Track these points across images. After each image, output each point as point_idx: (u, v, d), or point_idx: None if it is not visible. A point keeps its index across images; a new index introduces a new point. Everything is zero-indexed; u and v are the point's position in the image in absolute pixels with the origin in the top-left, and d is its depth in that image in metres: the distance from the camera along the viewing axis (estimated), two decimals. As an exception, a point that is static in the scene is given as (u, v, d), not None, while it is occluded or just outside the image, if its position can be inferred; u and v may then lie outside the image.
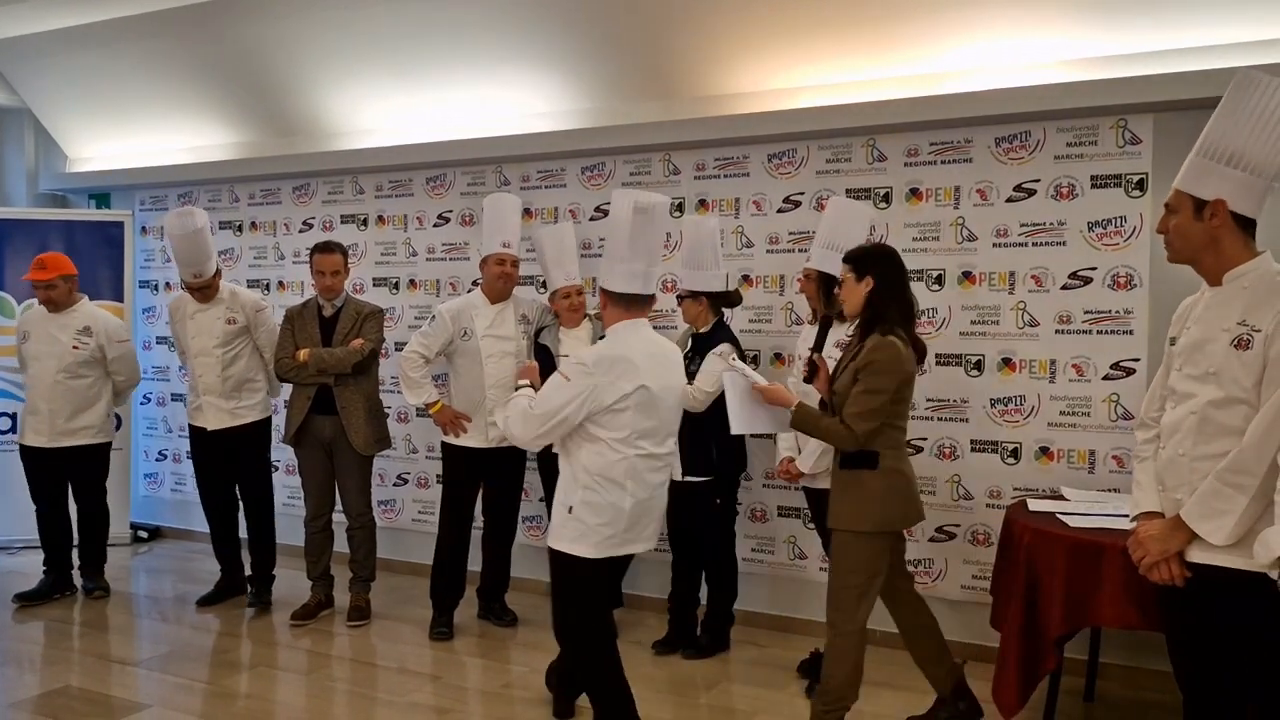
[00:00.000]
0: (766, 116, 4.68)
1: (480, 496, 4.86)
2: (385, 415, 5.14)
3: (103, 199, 7.02)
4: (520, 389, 3.34)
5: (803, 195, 4.76)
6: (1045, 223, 4.26)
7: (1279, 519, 2.12)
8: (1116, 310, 4.14)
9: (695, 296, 4.34)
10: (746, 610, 4.76)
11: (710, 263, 4.33)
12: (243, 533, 5.26)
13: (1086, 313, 4.19)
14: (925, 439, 4.50)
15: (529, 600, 5.15)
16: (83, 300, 5.35)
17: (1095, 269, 4.17)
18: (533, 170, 5.44)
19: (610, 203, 3.28)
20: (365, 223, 5.99)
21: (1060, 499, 3.89)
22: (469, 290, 5.33)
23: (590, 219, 5.21)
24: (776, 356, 4.82)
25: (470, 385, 4.70)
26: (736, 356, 4.19)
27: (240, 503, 5.25)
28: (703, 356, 4.27)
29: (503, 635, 4.76)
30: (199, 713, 3.88)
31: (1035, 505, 3.74)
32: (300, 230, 6.19)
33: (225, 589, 5.27)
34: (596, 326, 4.74)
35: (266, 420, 5.20)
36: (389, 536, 5.69)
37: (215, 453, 5.13)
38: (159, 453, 6.82)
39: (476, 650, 4.57)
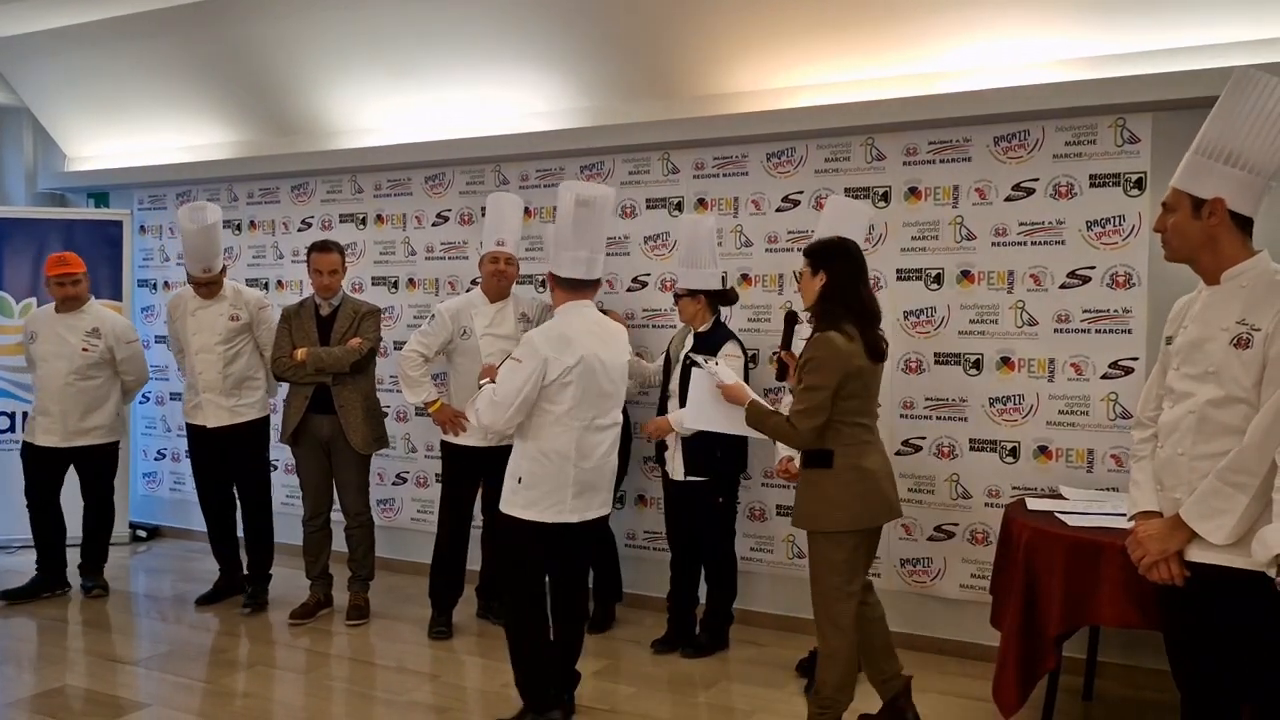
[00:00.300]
0: (765, 116, 4.68)
1: (479, 495, 4.86)
2: (383, 414, 5.14)
3: (101, 198, 7.01)
4: (483, 387, 3.58)
5: (801, 194, 4.76)
6: (1044, 222, 4.27)
7: (1277, 517, 2.13)
8: (1115, 309, 4.14)
9: (693, 295, 4.35)
10: (745, 609, 4.76)
11: (707, 261, 4.34)
12: (240, 532, 5.26)
13: (1085, 312, 4.19)
14: (924, 438, 4.50)
15: (528, 599, 5.15)
16: (91, 300, 5.37)
17: (1094, 268, 4.18)
18: (531, 169, 5.44)
19: (558, 196, 3.48)
20: (364, 222, 5.99)
21: (1059, 498, 3.89)
22: (468, 289, 5.33)
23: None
24: (775, 355, 4.82)
25: (469, 384, 4.68)
26: (734, 357, 4.26)
27: (238, 502, 5.25)
28: (708, 355, 4.27)
29: (501, 634, 4.73)
30: (198, 712, 3.88)
31: (1034, 504, 3.74)
32: (299, 229, 6.19)
33: (224, 588, 5.27)
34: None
35: (266, 419, 5.20)
36: (388, 535, 5.70)
37: (214, 451, 5.13)
38: (158, 452, 6.82)
39: (475, 649, 4.57)
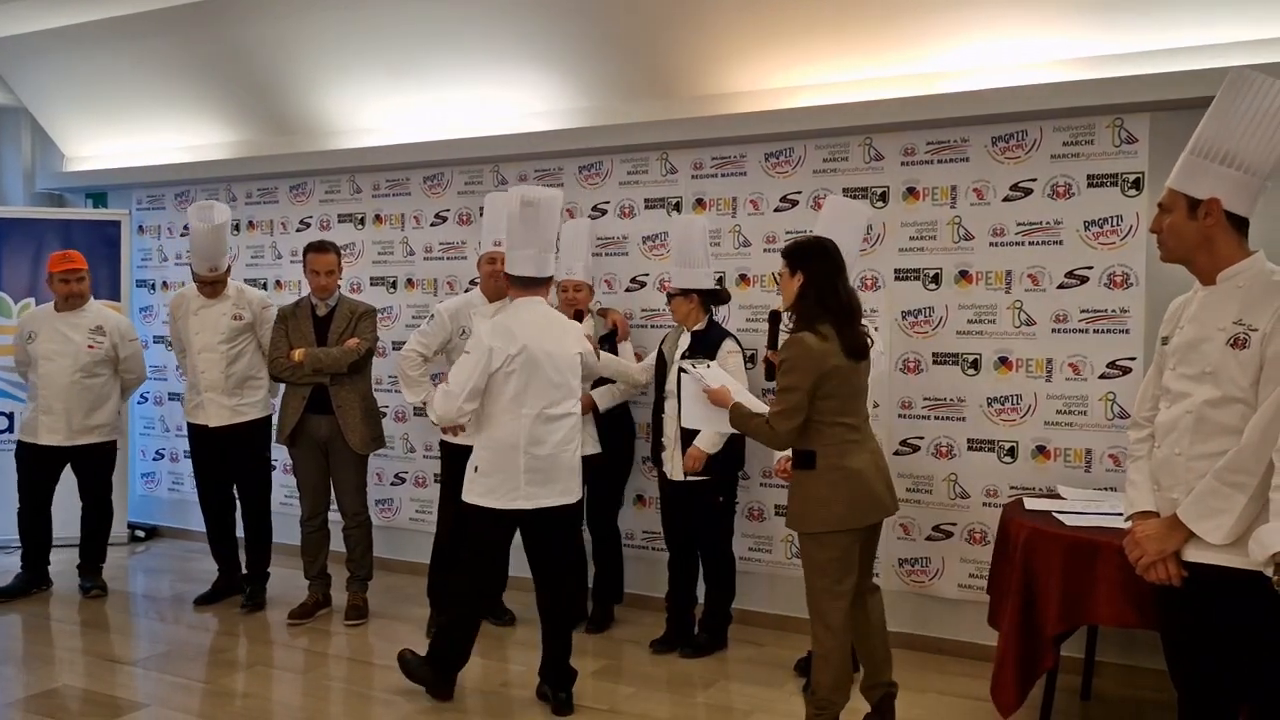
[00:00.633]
0: (764, 116, 4.68)
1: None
2: (381, 414, 5.14)
3: (100, 198, 7.01)
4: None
5: (800, 194, 4.77)
6: (1042, 222, 4.27)
7: (1274, 516, 2.13)
8: (1113, 309, 4.15)
9: (686, 294, 4.37)
10: (744, 609, 4.77)
11: (700, 260, 4.37)
12: (239, 531, 5.26)
13: (1083, 312, 4.20)
14: (922, 438, 4.50)
15: (527, 599, 5.14)
16: (91, 298, 5.39)
17: (1091, 268, 4.18)
18: (530, 169, 5.44)
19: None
20: (362, 222, 5.99)
21: (1057, 497, 3.90)
22: (466, 289, 5.34)
23: (589, 218, 5.20)
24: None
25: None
26: (734, 353, 4.31)
27: (238, 501, 5.25)
28: (705, 354, 4.28)
29: (500, 634, 4.77)
30: (197, 712, 3.88)
31: (1032, 504, 3.75)
32: (298, 229, 6.19)
33: (223, 588, 5.27)
34: (599, 323, 4.74)
35: (267, 419, 5.20)
36: (387, 535, 5.70)
37: (215, 450, 5.12)
38: (156, 452, 6.82)
39: (475, 649, 4.55)
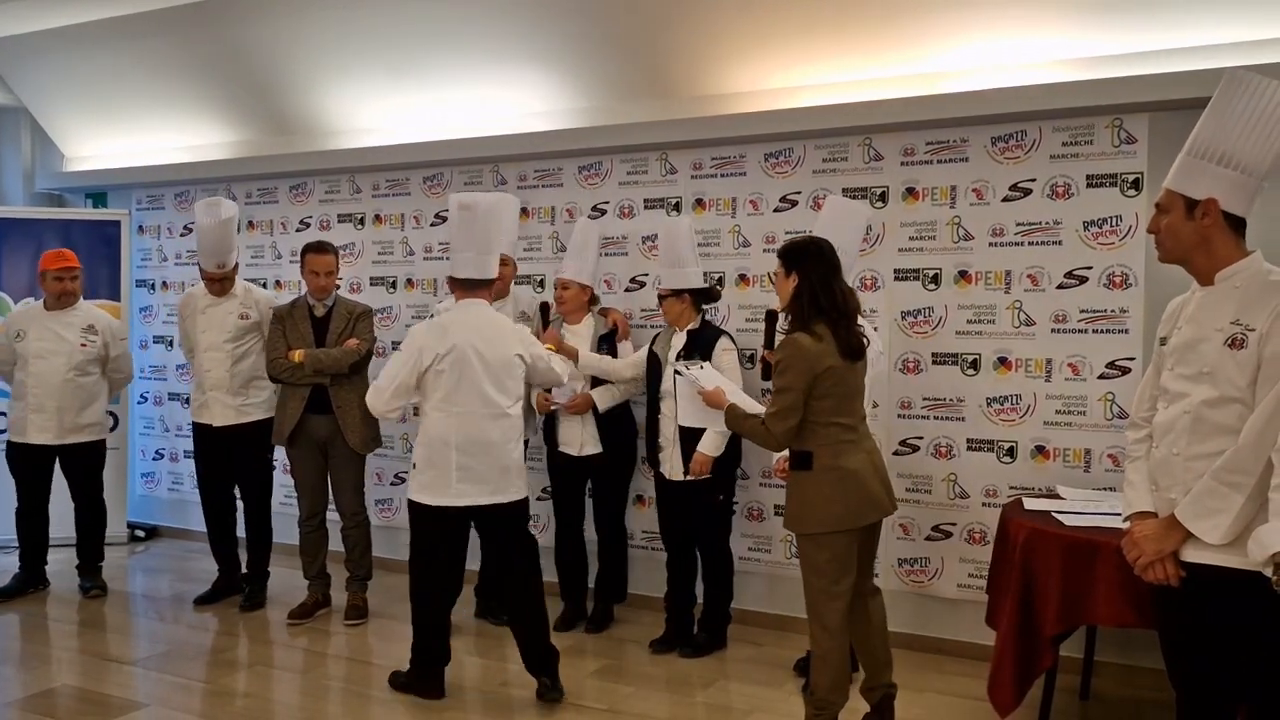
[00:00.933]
0: (763, 116, 4.69)
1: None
2: (380, 415, 5.14)
3: (99, 198, 7.01)
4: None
5: (799, 195, 4.77)
6: (1041, 222, 4.27)
7: (1273, 516, 2.13)
8: (1112, 309, 4.15)
9: (678, 295, 4.40)
10: (743, 609, 4.77)
11: (689, 260, 4.41)
12: (240, 531, 5.27)
13: (1082, 312, 4.20)
14: (921, 438, 4.51)
15: (526, 599, 5.16)
16: (81, 298, 5.40)
17: (1091, 268, 4.18)
18: (530, 170, 5.44)
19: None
20: (362, 222, 5.99)
21: (1056, 497, 3.90)
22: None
23: (588, 218, 5.20)
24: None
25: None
26: (729, 351, 4.37)
27: (239, 501, 5.25)
28: (700, 353, 4.30)
29: (500, 633, 4.76)
30: (197, 712, 3.88)
31: (1031, 504, 3.75)
32: (297, 229, 6.19)
33: (223, 588, 5.27)
34: (599, 323, 4.75)
35: (272, 419, 5.20)
36: (387, 535, 5.69)
37: (219, 450, 5.13)
38: (156, 452, 6.82)
39: (474, 649, 4.58)
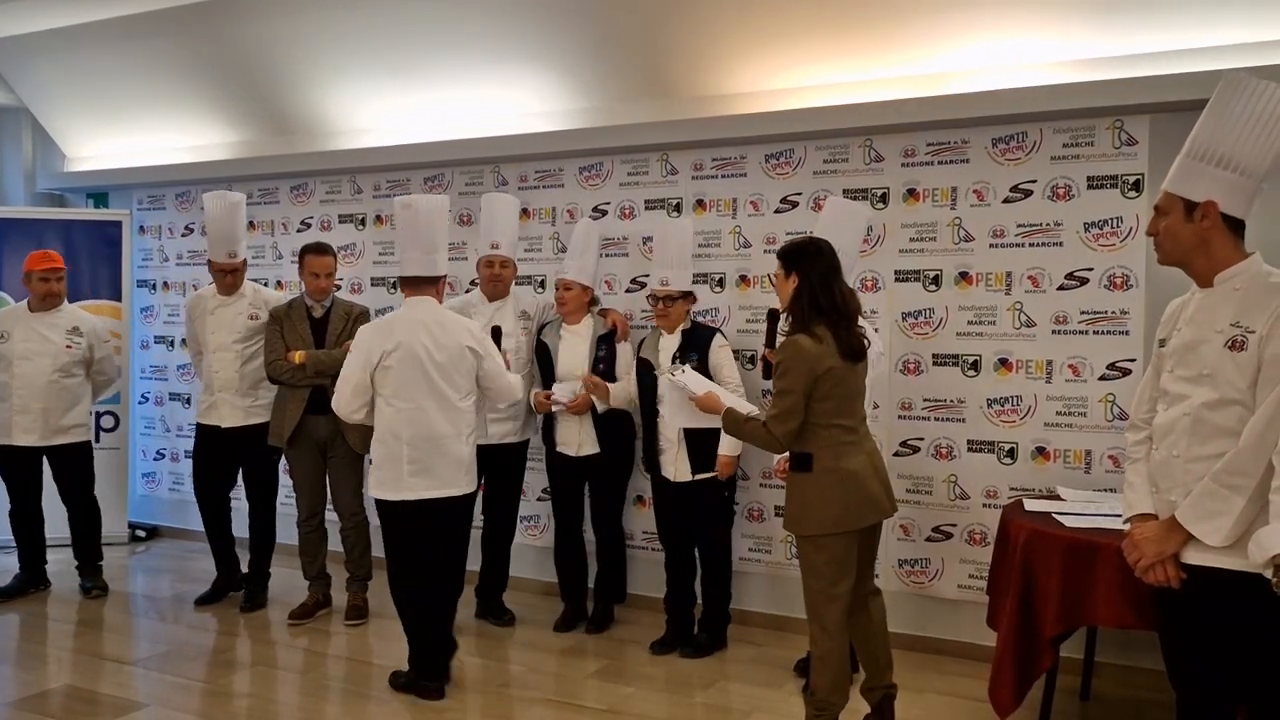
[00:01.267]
0: (764, 117, 4.69)
1: (480, 496, 4.87)
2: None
3: (101, 198, 7.02)
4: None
5: (800, 196, 4.77)
6: (1042, 223, 4.27)
7: (1274, 518, 2.13)
8: (1113, 311, 4.15)
9: (685, 296, 4.46)
10: (743, 609, 4.77)
11: (690, 261, 4.52)
12: (238, 531, 5.27)
13: (1083, 313, 4.20)
14: (922, 439, 4.51)
15: (527, 600, 5.16)
16: (65, 299, 5.41)
17: (1091, 269, 4.18)
18: (530, 170, 5.45)
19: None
20: (363, 222, 5.99)
21: (1056, 499, 3.90)
22: (467, 290, 5.34)
23: (589, 219, 5.20)
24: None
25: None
26: (725, 347, 4.44)
27: (235, 502, 5.25)
28: (698, 352, 4.34)
29: (500, 634, 4.77)
30: (197, 712, 3.88)
31: (1031, 505, 3.75)
32: (298, 230, 6.19)
33: (223, 588, 5.27)
34: (599, 323, 4.75)
35: None
36: (387, 536, 5.69)
37: (224, 451, 5.12)
38: (157, 452, 6.82)
39: (474, 649, 4.58)
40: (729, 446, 4.28)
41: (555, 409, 4.64)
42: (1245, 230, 2.38)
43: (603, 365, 4.66)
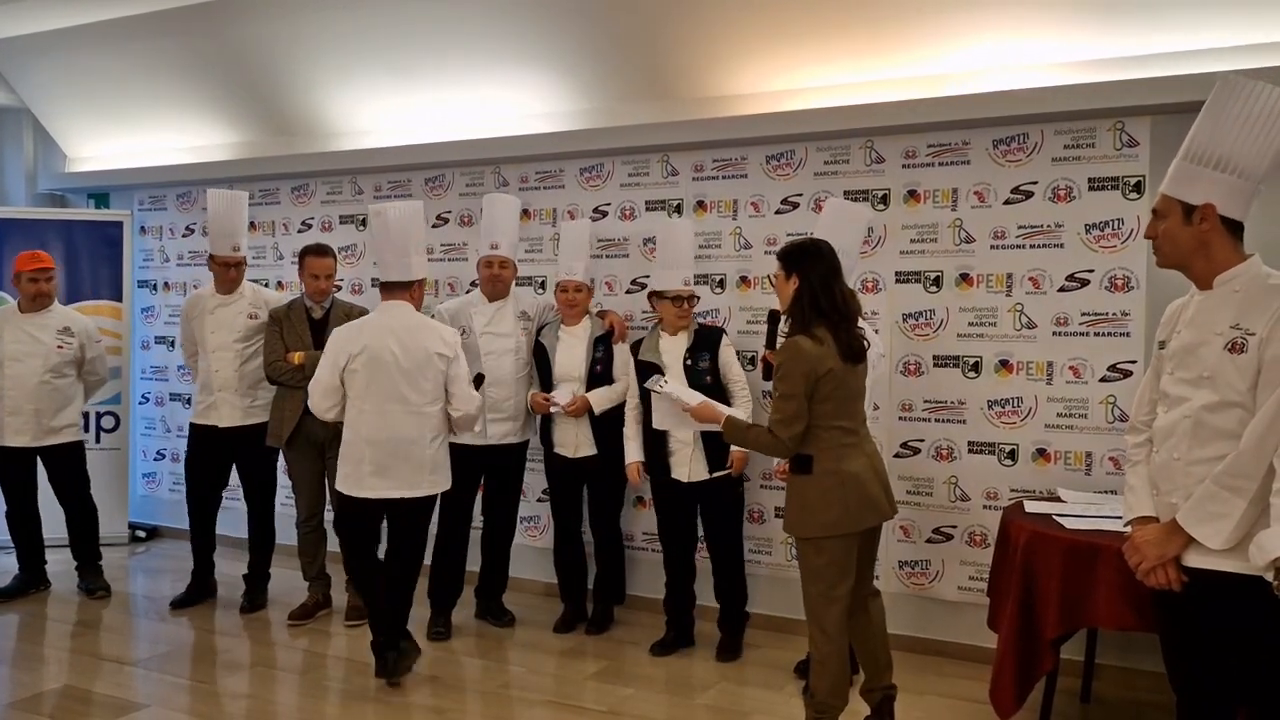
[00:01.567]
0: (765, 118, 4.69)
1: (479, 496, 4.87)
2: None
3: (102, 199, 7.02)
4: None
5: (801, 197, 4.77)
6: (1043, 225, 4.27)
7: (1275, 521, 2.13)
8: (1114, 312, 4.15)
9: (693, 297, 4.47)
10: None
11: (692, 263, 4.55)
12: (235, 532, 5.26)
13: (1084, 315, 4.20)
14: (922, 440, 4.50)
15: (527, 600, 5.16)
16: (55, 299, 5.41)
17: (1092, 271, 4.18)
18: (531, 171, 5.45)
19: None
20: (364, 223, 5.98)
21: (1057, 500, 3.90)
22: (468, 290, 5.34)
23: (591, 220, 5.21)
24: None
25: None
26: (730, 346, 4.45)
27: (230, 502, 5.25)
28: (709, 352, 4.37)
29: (500, 635, 4.77)
30: (197, 713, 3.88)
31: (1032, 506, 3.75)
32: (299, 230, 6.19)
33: (198, 592, 5.22)
34: (596, 324, 4.75)
35: None
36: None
37: (221, 451, 5.12)
38: (157, 452, 6.82)
39: (474, 650, 4.58)
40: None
41: (553, 410, 4.64)
42: (1244, 232, 2.37)
43: (600, 367, 4.65)
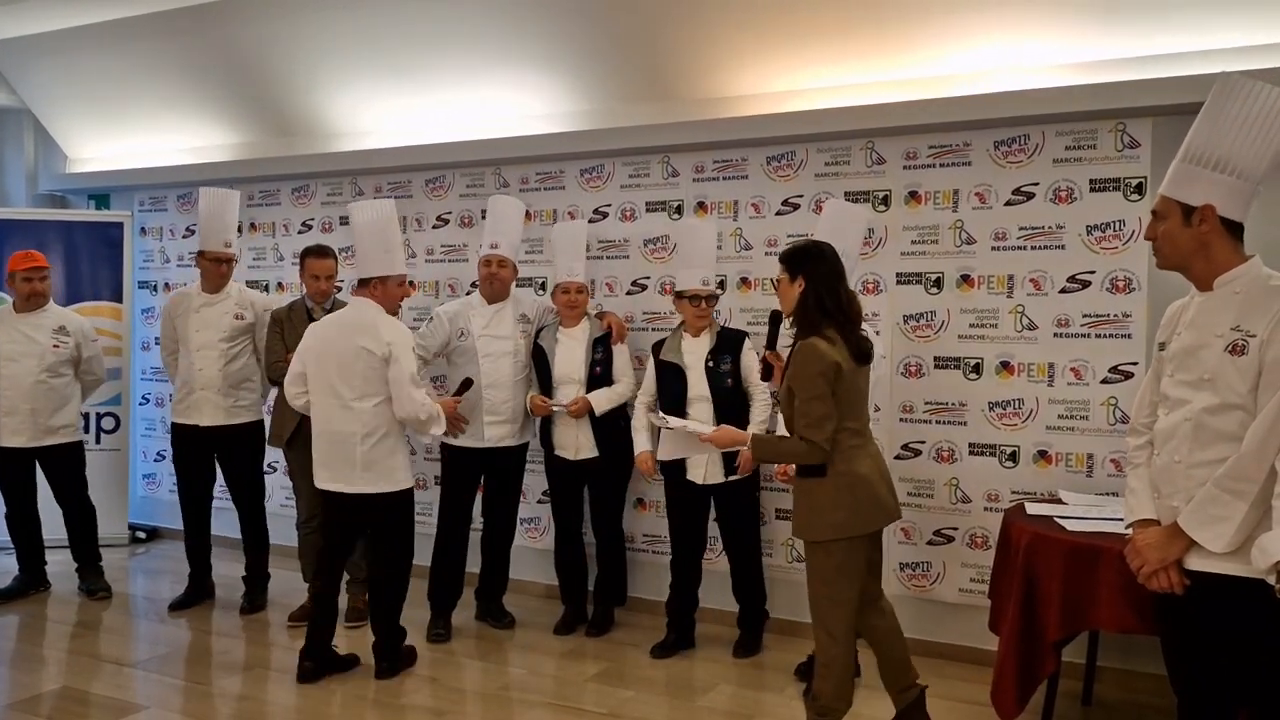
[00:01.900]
0: (765, 119, 4.68)
1: (479, 497, 4.87)
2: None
3: (102, 199, 7.02)
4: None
5: (801, 198, 4.76)
6: (1044, 226, 4.26)
7: (1277, 524, 2.12)
8: (1115, 314, 4.14)
9: (714, 297, 4.47)
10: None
11: (714, 263, 4.52)
12: (234, 533, 5.26)
13: (1085, 316, 4.19)
14: (924, 442, 4.50)
15: (527, 602, 5.15)
16: (50, 299, 5.40)
17: (1094, 272, 4.17)
18: (531, 172, 5.44)
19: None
20: (364, 224, 5.97)
21: (1058, 502, 3.89)
22: (468, 292, 5.34)
23: (590, 221, 5.20)
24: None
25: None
26: (752, 351, 4.40)
27: (234, 504, 5.24)
28: (731, 355, 4.36)
29: (500, 637, 4.76)
30: (196, 714, 3.87)
31: (1033, 508, 3.74)
32: (300, 231, 6.19)
33: (195, 594, 5.22)
34: (595, 325, 4.74)
35: (261, 422, 5.20)
36: (387, 538, 5.68)
37: (205, 451, 5.12)
38: (157, 453, 6.82)
39: (474, 652, 4.57)
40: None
41: (555, 410, 4.63)
42: (1244, 233, 2.36)
43: (599, 368, 4.65)
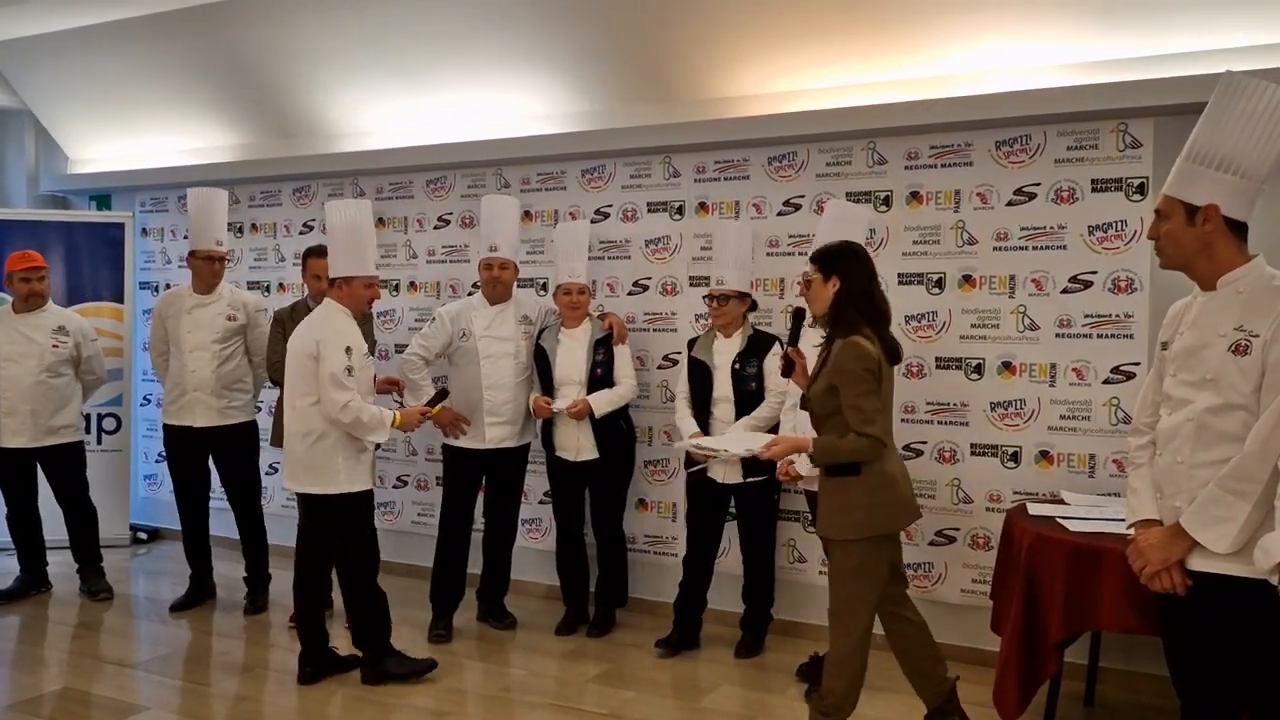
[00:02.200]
0: (767, 119, 4.68)
1: (481, 499, 4.86)
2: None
3: (103, 200, 7.02)
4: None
5: (803, 198, 4.76)
6: (1045, 226, 4.26)
7: (1279, 524, 2.12)
8: (1117, 314, 4.14)
9: (742, 297, 4.44)
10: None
11: (748, 263, 4.49)
12: (234, 533, 5.27)
13: (1087, 316, 4.19)
14: (925, 442, 4.49)
15: (529, 603, 5.15)
16: (49, 299, 5.40)
17: (1095, 273, 4.17)
18: (533, 173, 5.44)
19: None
20: (365, 225, 5.98)
21: (1060, 503, 3.89)
22: (469, 293, 5.33)
23: (591, 221, 5.20)
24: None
25: (468, 386, 4.69)
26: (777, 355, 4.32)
27: (230, 505, 5.25)
28: (757, 358, 4.34)
29: (502, 638, 4.76)
30: (197, 715, 3.87)
31: (1035, 509, 3.74)
32: (301, 232, 6.19)
33: (197, 594, 5.22)
34: (596, 326, 4.74)
35: (253, 423, 5.20)
36: (388, 539, 5.65)
37: (199, 452, 5.12)
38: (159, 454, 6.76)
39: (476, 653, 4.57)
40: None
41: (556, 410, 4.63)
42: (1248, 232, 2.36)
43: (601, 370, 4.64)
